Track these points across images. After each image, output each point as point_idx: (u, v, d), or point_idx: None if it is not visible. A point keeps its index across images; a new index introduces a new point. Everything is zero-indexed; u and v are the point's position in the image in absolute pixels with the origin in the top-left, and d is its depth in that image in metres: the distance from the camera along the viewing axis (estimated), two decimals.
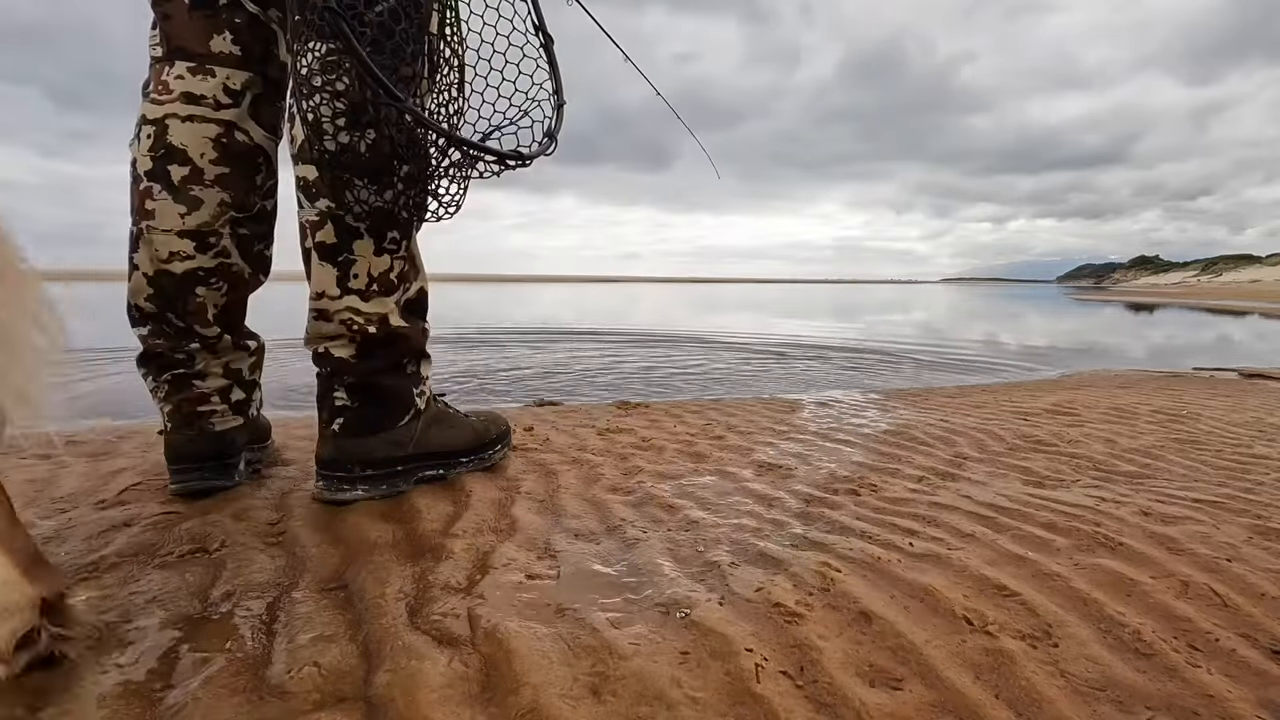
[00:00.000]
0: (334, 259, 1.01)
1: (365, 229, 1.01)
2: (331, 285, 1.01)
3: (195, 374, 1.05)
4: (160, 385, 1.04)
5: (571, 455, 1.39)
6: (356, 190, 0.95)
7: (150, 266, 1.00)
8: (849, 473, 1.30)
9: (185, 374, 1.04)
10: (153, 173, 0.98)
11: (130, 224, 1.02)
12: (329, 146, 0.89)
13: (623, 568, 0.84)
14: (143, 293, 1.01)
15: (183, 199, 0.99)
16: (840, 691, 0.60)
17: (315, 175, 0.99)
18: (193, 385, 1.05)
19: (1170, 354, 4.97)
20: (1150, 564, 0.85)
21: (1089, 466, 1.37)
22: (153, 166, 0.98)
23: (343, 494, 1.04)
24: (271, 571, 0.81)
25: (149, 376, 1.05)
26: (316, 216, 1.00)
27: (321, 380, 1.06)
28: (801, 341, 5.27)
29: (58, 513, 0.98)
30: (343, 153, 0.89)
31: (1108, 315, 11.49)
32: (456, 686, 0.59)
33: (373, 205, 0.96)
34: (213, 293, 1.04)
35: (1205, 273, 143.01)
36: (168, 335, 1.03)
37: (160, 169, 0.98)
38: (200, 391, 1.06)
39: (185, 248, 1.00)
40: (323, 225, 1.00)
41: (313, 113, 0.87)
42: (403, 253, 1.06)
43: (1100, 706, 0.58)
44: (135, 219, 1.00)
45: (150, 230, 0.99)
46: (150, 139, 0.98)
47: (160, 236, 0.99)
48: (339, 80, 0.85)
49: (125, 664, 0.62)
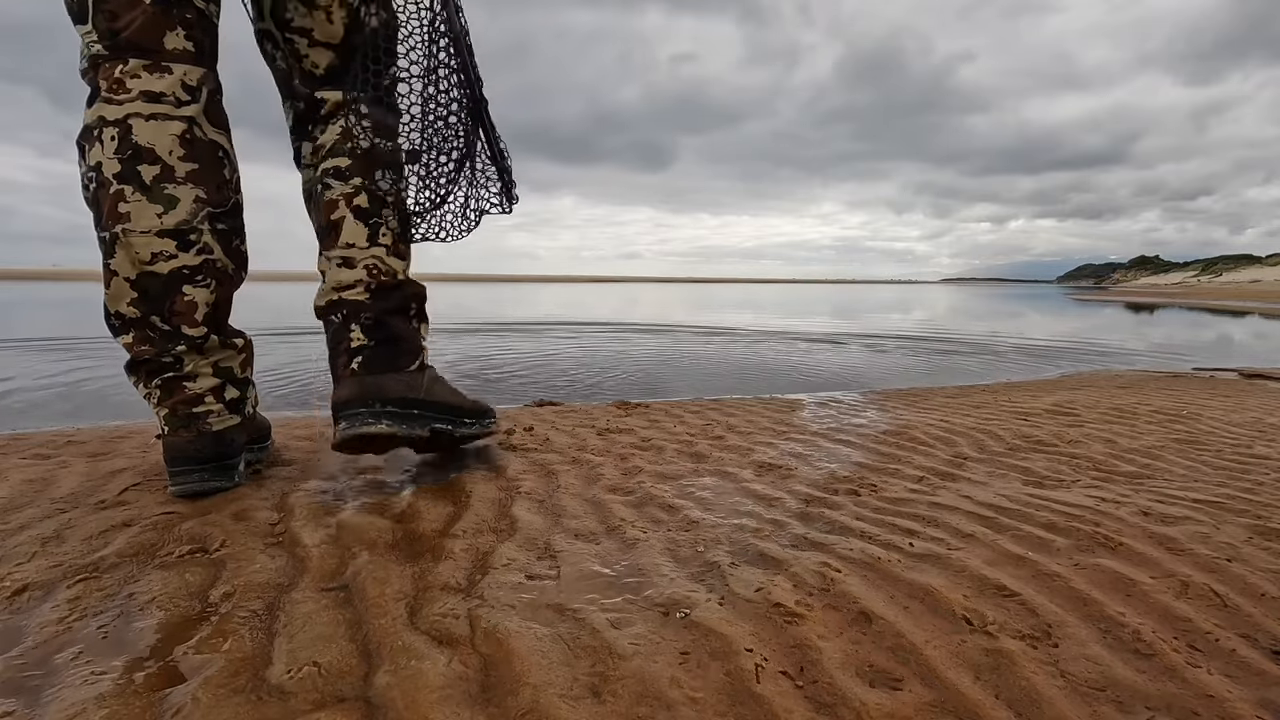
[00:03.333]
0: (367, 220, 1.12)
1: (392, 203, 1.14)
2: (362, 239, 1.11)
3: (185, 376, 1.05)
4: (152, 391, 1.05)
5: (571, 455, 1.39)
6: (383, 175, 1.13)
7: (131, 270, 0.99)
8: (849, 473, 1.30)
9: (175, 377, 1.04)
10: (122, 175, 0.97)
11: (97, 231, 1.00)
12: (363, 144, 1.11)
13: (623, 568, 0.84)
14: (124, 298, 1.00)
15: (158, 198, 0.98)
16: (840, 691, 0.60)
17: (348, 163, 1.11)
18: (184, 387, 1.05)
19: (1170, 354, 4.97)
20: (1150, 564, 0.85)
21: (1089, 467, 1.37)
22: (121, 169, 0.97)
23: (369, 427, 1.07)
24: (271, 571, 0.81)
25: (139, 383, 1.06)
26: (352, 189, 1.11)
27: (335, 330, 1.12)
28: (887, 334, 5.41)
29: (58, 513, 0.98)
30: (373, 149, 1.12)
31: (1108, 315, 11.49)
32: (456, 687, 0.59)
33: (395, 188, 1.15)
34: (201, 290, 1.04)
35: (1205, 273, 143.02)
36: (152, 340, 1.03)
37: (130, 170, 0.97)
38: (193, 393, 1.06)
39: (167, 247, 1.00)
40: (358, 195, 1.11)
41: (355, 128, 1.10)
42: (410, 239, 1.20)
43: (1100, 706, 0.58)
44: (106, 224, 0.98)
45: (127, 234, 0.98)
46: (115, 140, 0.96)
47: (139, 239, 0.98)
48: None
49: (126, 663, 0.62)
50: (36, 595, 0.74)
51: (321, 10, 1.07)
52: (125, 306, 1.01)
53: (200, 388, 1.06)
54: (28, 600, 0.73)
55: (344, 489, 1.12)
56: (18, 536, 0.89)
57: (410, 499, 1.06)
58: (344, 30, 1.09)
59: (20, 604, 0.72)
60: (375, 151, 1.11)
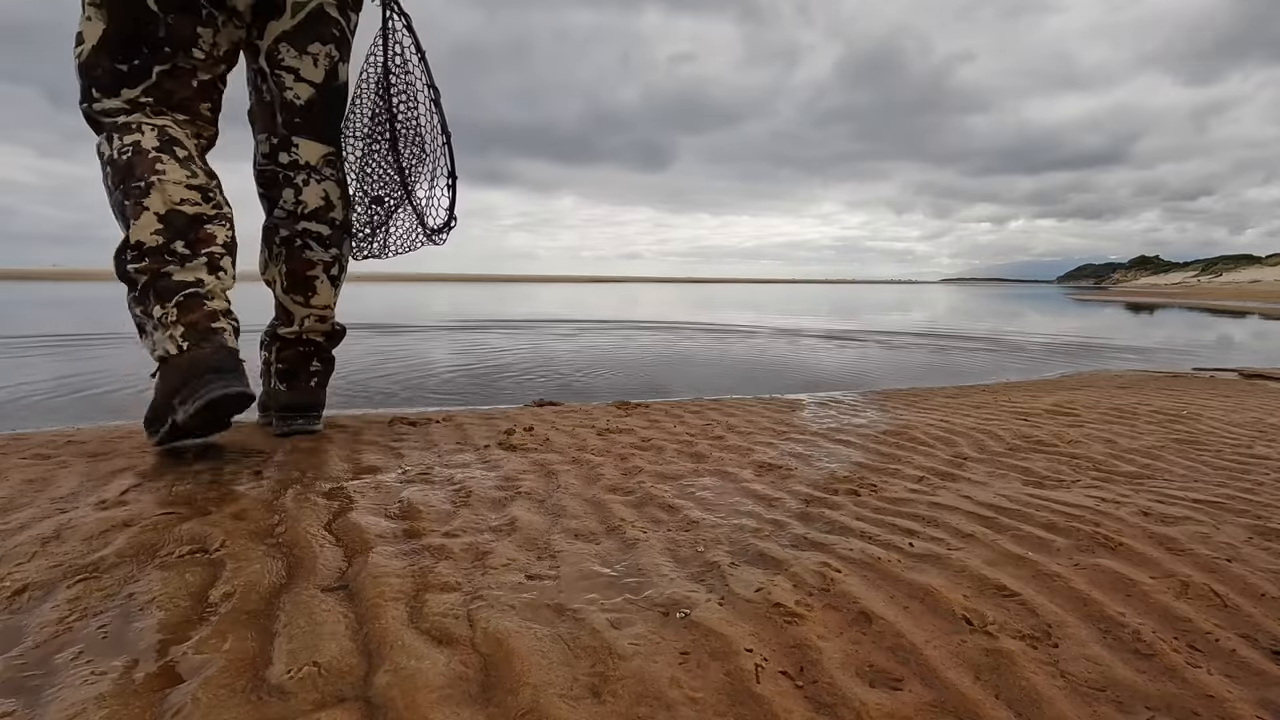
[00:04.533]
0: (335, 284, 1.54)
1: (346, 265, 1.59)
2: (331, 300, 1.54)
3: (205, 294, 1.23)
4: (168, 311, 1.20)
5: (571, 455, 1.39)
6: (347, 244, 1.57)
7: (163, 206, 1.22)
8: (849, 473, 1.30)
9: (195, 294, 1.22)
10: (160, 149, 1.24)
11: (128, 183, 1.22)
12: (339, 217, 1.51)
13: (623, 568, 0.84)
14: (150, 227, 1.21)
15: (186, 167, 1.27)
16: (840, 691, 0.60)
17: (329, 233, 1.49)
18: (203, 304, 1.23)
19: (1170, 354, 4.97)
20: (1150, 564, 0.85)
21: (1089, 467, 1.37)
22: (160, 145, 1.25)
23: (316, 427, 1.54)
24: (271, 571, 0.81)
25: (152, 308, 1.21)
26: (330, 259, 1.51)
27: (301, 356, 1.52)
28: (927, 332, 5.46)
29: (57, 513, 0.98)
30: (345, 222, 1.54)
31: (1108, 315, 11.49)
32: (456, 686, 0.59)
33: (350, 252, 1.60)
34: (219, 228, 1.28)
35: (1205, 273, 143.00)
36: (170, 261, 1.22)
37: (167, 147, 1.25)
38: (211, 309, 1.23)
39: (193, 197, 1.26)
40: (334, 265, 1.52)
41: (334, 196, 1.49)
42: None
43: (1100, 706, 0.58)
44: (142, 175, 1.22)
45: (162, 181, 1.22)
46: (154, 131, 1.26)
47: (173, 185, 1.23)
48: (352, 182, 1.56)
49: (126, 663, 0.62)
50: (36, 595, 0.74)
51: (310, 56, 1.42)
52: (149, 235, 1.21)
53: (217, 307, 1.25)
54: (28, 600, 0.73)
55: (344, 489, 1.12)
56: (18, 536, 0.89)
57: (410, 499, 1.06)
58: (324, 75, 1.44)
59: (20, 604, 0.72)
60: (345, 223, 1.53)
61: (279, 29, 1.39)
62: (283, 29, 1.39)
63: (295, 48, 1.40)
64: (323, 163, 1.47)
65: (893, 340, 5.63)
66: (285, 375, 1.52)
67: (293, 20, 1.39)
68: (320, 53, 1.42)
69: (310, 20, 1.40)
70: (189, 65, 1.31)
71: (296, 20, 1.39)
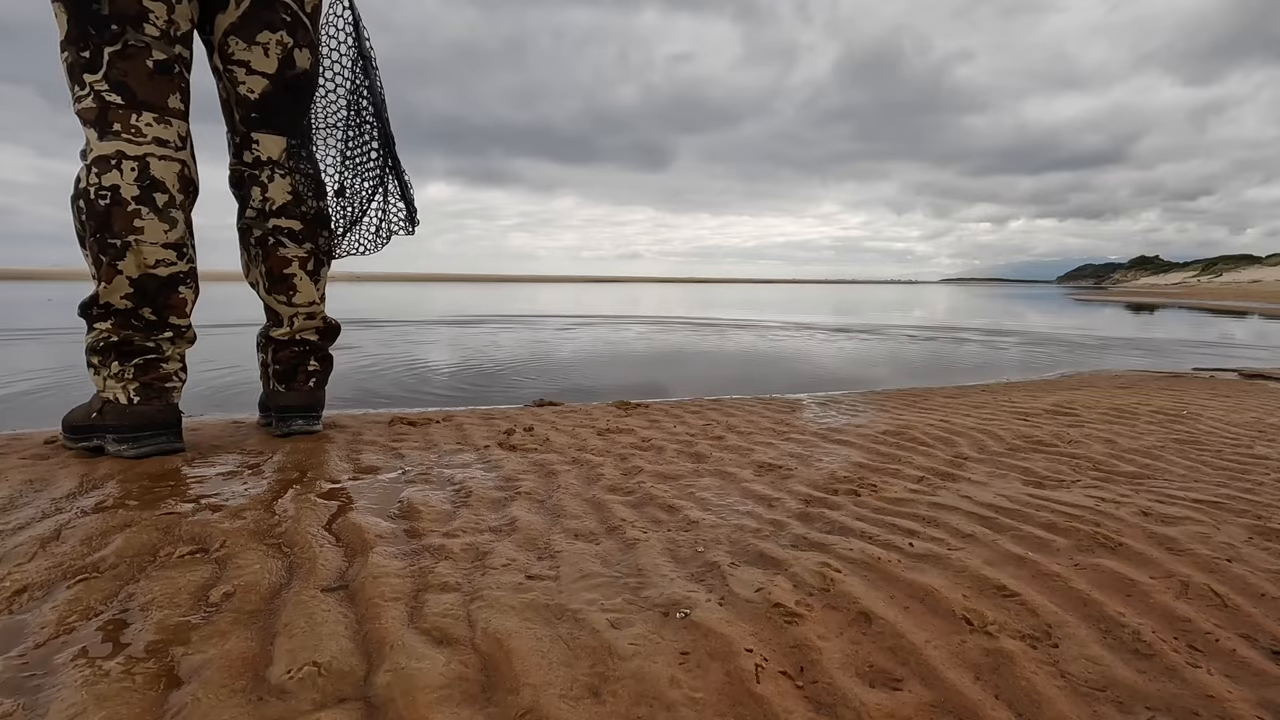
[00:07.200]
0: (314, 279, 1.51)
1: (327, 258, 1.54)
2: (315, 296, 1.51)
3: (163, 358, 1.31)
4: (126, 369, 1.27)
5: (571, 455, 1.39)
6: (323, 236, 1.51)
7: (136, 271, 1.24)
8: (849, 473, 1.30)
9: (154, 359, 1.30)
10: (140, 198, 1.22)
11: (103, 237, 1.21)
12: (310, 210, 1.47)
13: (623, 568, 0.84)
14: (120, 291, 1.24)
15: (165, 219, 1.26)
16: (840, 692, 0.60)
17: (301, 227, 1.46)
18: (160, 367, 1.31)
19: (1170, 354, 4.97)
20: (1150, 564, 0.85)
21: (1089, 467, 1.36)
22: (140, 193, 1.22)
23: (315, 427, 1.55)
24: (271, 572, 0.81)
25: (107, 362, 1.27)
26: (305, 253, 1.48)
27: (296, 356, 1.51)
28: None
29: (57, 512, 0.98)
30: (317, 214, 1.49)
31: (1108, 315, 11.49)
32: (456, 686, 0.59)
33: (329, 244, 1.54)
34: (189, 291, 1.32)
35: (1205, 273, 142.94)
36: (135, 328, 1.26)
37: (147, 195, 1.23)
38: (166, 371, 1.32)
39: (169, 256, 1.27)
40: (310, 260, 1.49)
41: (302, 188, 1.45)
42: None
43: (1100, 706, 0.58)
44: (119, 233, 1.22)
45: (139, 243, 1.23)
46: (134, 171, 1.22)
47: (149, 248, 1.24)
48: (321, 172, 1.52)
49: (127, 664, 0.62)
50: (36, 595, 0.74)
51: (260, 46, 1.35)
52: (119, 300, 1.24)
53: (171, 368, 1.33)
54: (28, 600, 0.73)
55: (344, 489, 1.12)
56: (18, 536, 0.89)
57: (410, 499, 1.06)
58: (278, 63, 1.37)
59: (20, 604, 0.72)
60: (319, 215, 1.49)
61: (226, 22, 1.33)
62: (230, 21, 1.33)
63: (243, 39, 1.33)
64: (285, 156, 1.42)
65: (893, 340, 5.64)
66: (282, 376, 1.51)
67: (238, 11, 1.32)
68: (270, 41, 1.34)
69: (256, 8, 1.33)
70: (140, 43, 1.20)
71: (242, 9, 1.32)
